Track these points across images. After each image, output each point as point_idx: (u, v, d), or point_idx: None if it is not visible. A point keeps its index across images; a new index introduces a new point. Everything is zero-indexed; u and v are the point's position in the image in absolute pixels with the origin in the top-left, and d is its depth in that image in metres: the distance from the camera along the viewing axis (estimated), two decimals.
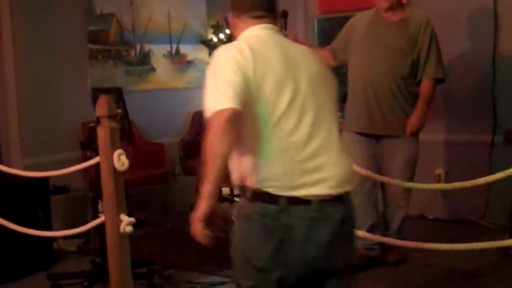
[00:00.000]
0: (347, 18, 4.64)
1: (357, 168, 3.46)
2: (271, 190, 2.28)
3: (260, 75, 2.26)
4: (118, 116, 3.12)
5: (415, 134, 4.37)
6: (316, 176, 2.31)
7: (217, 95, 2.21)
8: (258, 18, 2.45)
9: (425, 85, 4.27)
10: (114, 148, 2.93)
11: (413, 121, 4.27)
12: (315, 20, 6.55)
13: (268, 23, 2.48)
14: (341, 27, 4.63)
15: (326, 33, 6.58)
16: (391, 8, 4.28)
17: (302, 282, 2.37)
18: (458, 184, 2.38)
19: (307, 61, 2.43)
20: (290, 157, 2.28)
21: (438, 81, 4.33)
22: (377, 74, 4.26)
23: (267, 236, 2.30)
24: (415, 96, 4.29)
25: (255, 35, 2.44)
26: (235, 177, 2.38)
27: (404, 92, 4.28)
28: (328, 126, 2.37)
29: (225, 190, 5.61)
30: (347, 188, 2.38)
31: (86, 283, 4.10)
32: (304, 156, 2.29)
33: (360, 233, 3.81)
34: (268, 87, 2.27)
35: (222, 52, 2.32)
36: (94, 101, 3.45)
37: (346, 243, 2.44)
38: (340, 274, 2.41)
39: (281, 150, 2.28)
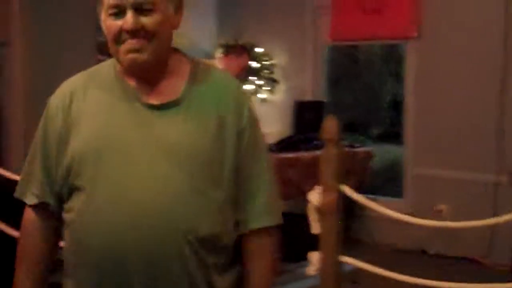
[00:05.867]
0: (357, 47, 4.20)
1: None
2: None
3: None
4: None
5: None
6: None
7: None
8: None
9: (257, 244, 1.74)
10: None
11: None
12: (327, 48, 6.44)
13: None
14: (352, 56, 3.94)
15: (335, 62, 6.54)
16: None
17: None
18: (461, 224, 2.30)
19: None
20: None
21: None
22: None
23: None
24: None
25: None
26: None
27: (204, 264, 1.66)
28: None
29: None
30: None
31: None
32: None
33: None
34: None
35: None
36: None
37: None
38: None
39: None
